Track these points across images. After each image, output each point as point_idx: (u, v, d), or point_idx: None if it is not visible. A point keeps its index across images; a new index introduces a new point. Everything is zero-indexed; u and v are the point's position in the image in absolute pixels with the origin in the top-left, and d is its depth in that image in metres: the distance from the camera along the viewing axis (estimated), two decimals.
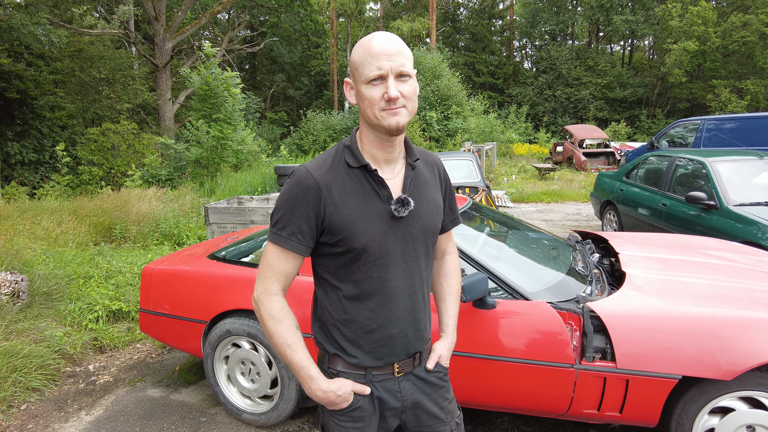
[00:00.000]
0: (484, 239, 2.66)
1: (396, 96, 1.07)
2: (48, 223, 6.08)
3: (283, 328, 1.16)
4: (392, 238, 1.17)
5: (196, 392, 3.06)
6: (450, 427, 1.34)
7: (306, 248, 1.16)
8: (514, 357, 2.10)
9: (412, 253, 1.21)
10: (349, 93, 1.19)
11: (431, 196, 1.26)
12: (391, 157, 1.20)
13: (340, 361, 1.23)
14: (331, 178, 1.15)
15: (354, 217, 1.13)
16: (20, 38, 11.31)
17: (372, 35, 1.11)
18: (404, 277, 1.20)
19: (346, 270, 1.18)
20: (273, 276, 1.17)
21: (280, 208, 1.16)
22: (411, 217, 1.19)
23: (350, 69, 1.15)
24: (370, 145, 1.19)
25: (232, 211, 4.98)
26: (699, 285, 2.31)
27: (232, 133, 10.08)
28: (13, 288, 3.64)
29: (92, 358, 3.56)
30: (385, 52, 1.07)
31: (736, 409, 1.93)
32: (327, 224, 1.14)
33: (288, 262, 1.17)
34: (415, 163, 1.24)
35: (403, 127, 1.11)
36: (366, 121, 1.15)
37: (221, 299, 2.61)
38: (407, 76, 1.10)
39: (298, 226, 1.14)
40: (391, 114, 1.09)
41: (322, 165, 1.17)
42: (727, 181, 4.49)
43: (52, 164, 13.97)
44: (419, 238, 1.22)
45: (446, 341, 1.37)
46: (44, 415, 2.85)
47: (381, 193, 1.17)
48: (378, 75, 1.07)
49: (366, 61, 1.08)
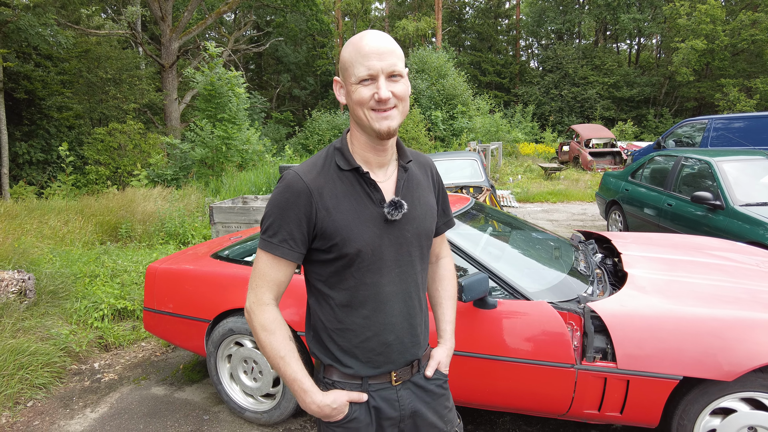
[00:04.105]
0: (486, 239, 2.66)
1: (387, 97, 1.05)
2: (55, 222, 6.15)
3: (276, 340, 1.12)
4: (386, 242, 1.14)
5: (200, 390, 3.08)
6: None
7: (298, 255, 1.13)
8: (514, 357, 2.10)
9: (407, 257, 1.18)
10: (338, 92, 1.16)
11: (425, 198, 1.24)
12: (384, 160, 1.18)
13: (335, 371, 1.20)
14: (322, 182, 1.12)
15: (347, 221, 1.10)
16: (28, 39, 11.42)
17: (363, 33, 1.08)
18: (398, 282, 1.17)
19: (339, 277, 1.15)
20: (265, 285, 1.14)
21: (270, 214, 1.12)
22: (405, 220, 1.16)
23: (340, 67, 1.12)
24: (362, 148, 1.16)
25: (237, 211, 5.01)
26: (702, 285, 2.30)
27: (236, 133, 10.11)
28: (20, 286, 3.68)
29: (97, 356, 3.59)
30: (376, 52, 1.04)
31: (738, 411, 1.92)
32: (319, 229, 1.11)
33: (280, 270, 1.14)
34: (408, 165, 1.22)
35: (394, 130, 1.09)
36: (357, 122, 1.13)
37: (224, 298, 2.63)
38: (399, 75, 1.07)
39: (290, 233, 1.10)
40: (381, 117, 1.07)
41: (312, 168, 1.14)
42: (733, 181, 4.46)
43: (60, 164, 14.09)
44: (413, 241, 1.19)
45: (444, 347, 1.34)
46: (50, 411, 2.88)
47: (373, 196, 1.14)
48: (368, 75, 1.05)
49: (356, 60, 1.06)
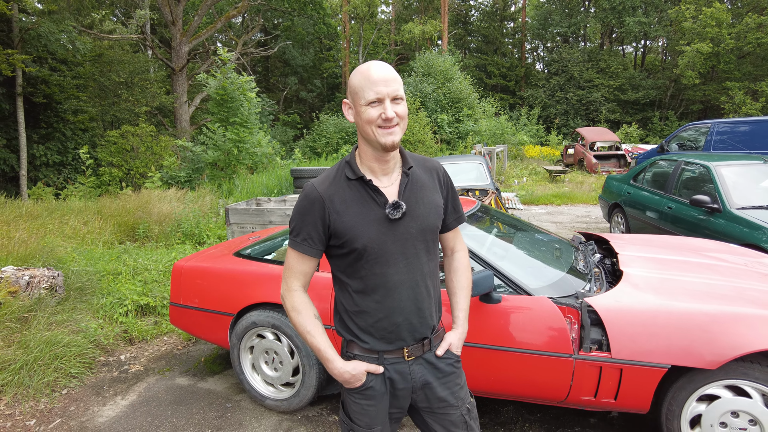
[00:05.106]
0: (491, 239, 2.85)
1: (392, 116, 1.27)
2: (75, 222, 6.38)
3: (303, 318, 1.38)
4: (390, 238, 1.34)
5: (221, 381, 3.28)
6: (461, 411, 1.46)
7: (317, 251, 1.38)
8: (518, 347, 2.28)
9: (412, 251, 1.38)
10: (347, 112, 1.37)
11: (428, 198, 1.42)
12: (387, 168, 1.39)
13: (355, 346, 1.42)
14: (333, 190, 1.35)
15: (354, 222, 1.32)
16: (47, 45, 11.73)
17: (368, 64, 1.30)
18: (406, 272, 1.37)
19: (353, 268, 1.37)
20: (293, 275, 1.40)
21: (294, 218, 1.38)
22: (408, 218, 1.36)
23: (349, 92, 1.34)
24: (369, 159, 1.37)
25: (252, 212, 5.21)
26: (693, 283, 2.47)
27: (248, 137, 10.34)
28: (50, 283, 3.90)
29: (123, 348, 3.81)
30: (383, 79, 1.26)
31: (722, 397, 2.09)
32: (332, 230, 1.34)
33: (304, 263, 1.39)
34: (409, 171, 1.41)
35: (397, 144, 1.31)
36: (364, 137, 1.34)
37: (247, 293, 2.83)
38: (400, 99, 1.30)
39: (308, 233, 1.36)
40: (387, 133, 1.29)
41: (326, 180, 1.38)
42: (731, 185, 4.59)
43: (75, 166, 14.43)
44: (418, 236, 1.38)
45: (457, 331, 1.53)
46: (84, 399, 3.10)
47: (378, 199, 1.35)
48: (376, 98, 1.26)
49: (366, 86, 1.27)
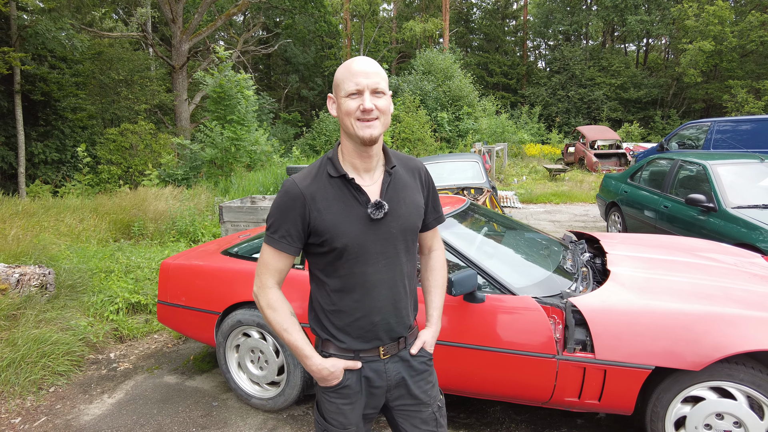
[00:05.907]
0: (478, 238, 2.82)
1: (371, 108, 1.24)
2: (71, 220, 6.38)
3: (279, 316, 1.34)
4: (371, 237, 1.31)
5: (209, 379, 3.27)
6: (432, 409, 1.46)
7: (295, 249, 1.34)
8: (501, 347, 2.26)
9: (392, 250, 1.35)
10: (331, 106, 1.35)
11: (410, 198, 1.39)
12: (369, 165, 1.35)
13: (331, 345, 1.39)
14: (314, 188, 1.31)
15: (335, 220, 1.29)
16: (45, 43, 11.73)
17: (353, 58, 1.29)
18: (385, 272, 1.34)
19: (332, 267, 1.33)
20: (268, 272, 1.35)
21: (272, 215, 1.34)
22: (390, 217, 1.33)
23: (333, 85, 1.32)
24: (350, 155, 1.34)
25: (246, 210, 5.20)
26: (680, 283, 2.44)
27: (245, 135, 10.32)
28: (41, 280, 3.90)
29: (113, 346, 3.80)
30: (363, 71, 1.25)
31: (707, 399, 2.07)
32: (312, 227, 1.30)
33: (280, 261, 1.35)
34: (392, 170, 1.38)
35: (376, 138, 1.28)
36: (345, 131, 1.31)
37: (233, 292, 2.82)
38: (382, 93, 1.27)
39: (287, 230, 1.31)
40: (365, 126, 1.26)
41: (308, 176, 1.34)
42: (727, 184, 4.55)
43: (73, 163, 14.44)
44: (399, 236, 1.35)
45: (431, 330, 1.52)
46: (71, 397, 3.09)
47: (360, 198, 1.31)
48: (356, 89, 1.24)
49: (346, 78, 1.26)
